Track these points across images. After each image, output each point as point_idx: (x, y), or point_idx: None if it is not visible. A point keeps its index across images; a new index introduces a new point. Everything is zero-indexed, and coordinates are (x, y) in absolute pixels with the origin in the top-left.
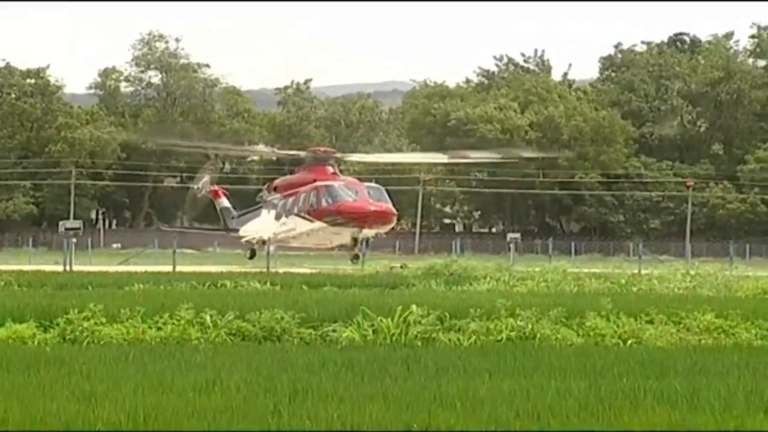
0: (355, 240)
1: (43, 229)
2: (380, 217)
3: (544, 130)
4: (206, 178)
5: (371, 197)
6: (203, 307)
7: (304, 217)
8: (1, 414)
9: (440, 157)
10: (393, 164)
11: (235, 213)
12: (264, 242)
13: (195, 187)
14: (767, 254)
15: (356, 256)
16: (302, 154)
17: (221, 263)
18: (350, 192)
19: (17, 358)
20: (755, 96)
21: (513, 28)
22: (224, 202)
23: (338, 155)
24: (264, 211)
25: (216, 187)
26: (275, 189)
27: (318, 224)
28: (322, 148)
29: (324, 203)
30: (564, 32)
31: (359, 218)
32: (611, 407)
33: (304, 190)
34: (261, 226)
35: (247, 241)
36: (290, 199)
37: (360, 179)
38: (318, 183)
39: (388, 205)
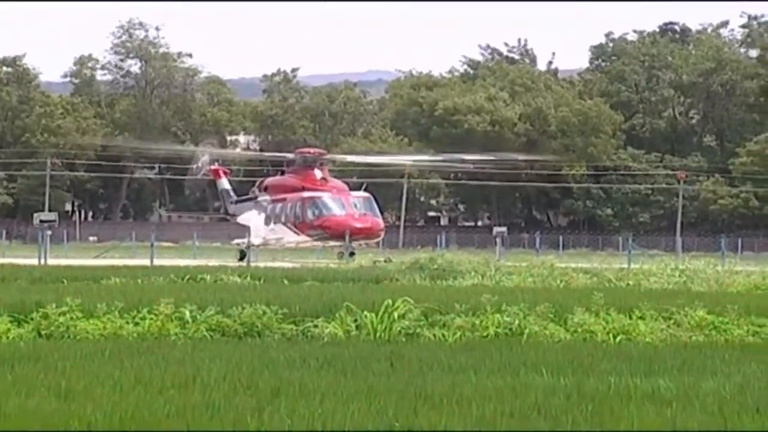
0: (341, 254)
1: (18, 221)
2: (365, 233)
3: (533, 122)
4: (205, 156)
5: (359, 209)
6: (182, 301)
7: (291, 228)
8: None
9: (435, 159)
10: (379, 155)
11: (234, 196)
12: (256, 246)
13: (194, 166)
14: (759, 249)
15: (351, 254)
16: (290, 156)
17: (201, 257)
18: (336, 205)
19: None
20: (747, 87)
21: (497, 17)
22: (225, 183)
23: (328, 156)
24: (255, 212)
25: (216, 166)
26: (265, 189)
27: (303, 237)
28: (311, 150)
29: (310, 216)
30: (549, 21)
31: (344, 234)
32: (600, 405)
33: (291, 199)
34: (252, 226)
35: (237, 243)
36: (278, 205)
37: (344, 174)
38: (305, 194)
39: (374, 219)
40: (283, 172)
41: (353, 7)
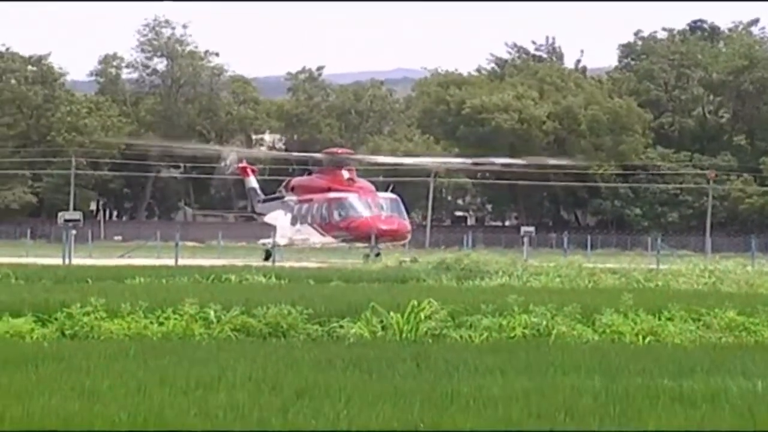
0: (367, 255)
1: (42, 220)
2: (392, 235)
3: (562, 120)
4: (233, 154)
5: (386, 210)
6: (207, 301)
7: (316, 229)
8: None
9: (464, 163)
10: (405, 154)
11: (262, 195)
12: (281, 246)
13: (222, 164)
14: None
15: (377, 254)
16: (317, 155)
17: (226, 256)
18: (363, 206)
19: (15, 353)
20: None
21: (524, 15)
22: (252, 181)
23: (356, 156)
24: (281, 212)
25: (244, 164)
26: (292, 189)
27: (329, 239)
28: (339, 150)
29: (336, 217)
30: (576, 19)
31: (370, 236)
32: (628, 406)
33: (317, 200)
34: (278, 226)
35: (263, 244)
36: (305, 206)
37: (370, 173)
38: (331, 195)
39: (401, 221)
40: (309, 172)
41: (379, 5)
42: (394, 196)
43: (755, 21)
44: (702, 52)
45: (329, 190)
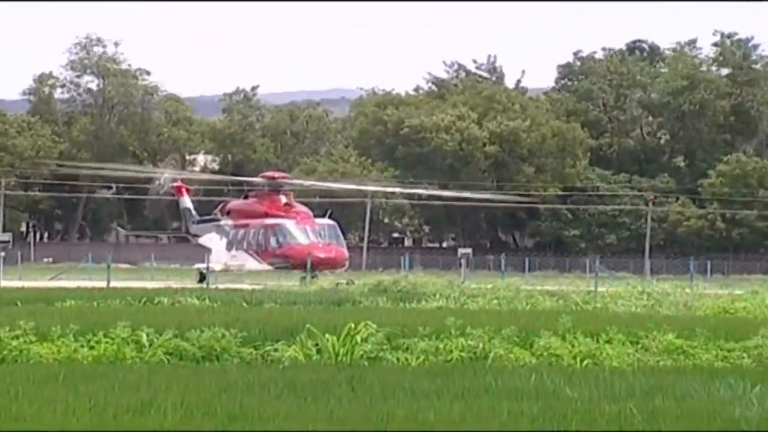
0: (303, 277)
1: None
2: (330, 263)
3: (503, 142)
4: (167, 173)
5: (324, 237)
6: (139, 324)
7: (252, 255)
8: None
9: (397, 193)
10: (342, 175)
11: (196, 216)
12: (217, 271)
13: (156, 183)
14: (729, 272)
15: (314, 276)
16: (255, 179)
17: (158, 278)
18: (300, 233)
19: None
20: (719, 106)
21: (462, 35)
22: (187, 201)
23: (295, 181)
24: (216, 236)
25: (179, 183)
26: (228, 213)
27: (265, 265)
28: (276, 174)
29: (273, 244)
30: (515, 39)
31: (306, 264)
32: (566, 430)
33: (254, 225)
34: (213, 250)
35: (198, 268)
36: (241, 231)
37: (306, 194)
38: (268, 221)
39: (339, 248)
40: (245, 194)
41: (315, 24)
42: (332, 222)
43: (693, 41)
44: (641, 73)
45: (266, 215)
